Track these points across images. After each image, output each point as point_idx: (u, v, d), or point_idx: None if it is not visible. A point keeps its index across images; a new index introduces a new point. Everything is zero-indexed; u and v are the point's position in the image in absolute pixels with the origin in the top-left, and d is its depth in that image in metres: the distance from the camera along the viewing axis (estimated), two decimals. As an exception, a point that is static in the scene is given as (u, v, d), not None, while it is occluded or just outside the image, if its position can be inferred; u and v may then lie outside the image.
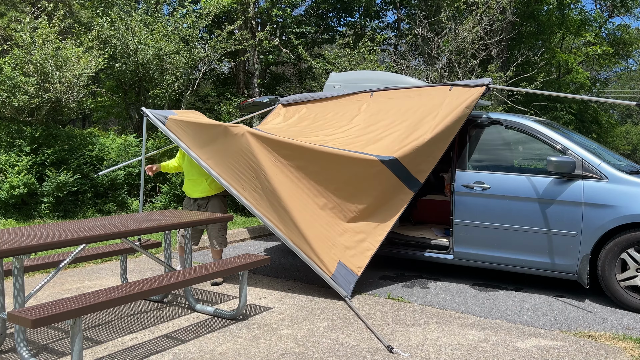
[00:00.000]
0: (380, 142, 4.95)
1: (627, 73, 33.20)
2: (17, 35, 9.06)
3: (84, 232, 3.38)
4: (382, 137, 5.03)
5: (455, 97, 5.07)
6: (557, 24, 15.50)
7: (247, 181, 4.72)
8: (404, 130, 5.05)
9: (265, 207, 4.64)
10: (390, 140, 4.94)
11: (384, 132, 5.12)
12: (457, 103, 4.97)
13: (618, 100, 7.14)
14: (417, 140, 4.80)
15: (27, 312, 2.73)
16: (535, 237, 4.66)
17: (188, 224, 3.98)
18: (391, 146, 4.85)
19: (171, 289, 3.39)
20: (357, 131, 5.27)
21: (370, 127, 5.28)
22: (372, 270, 5.72)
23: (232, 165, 4.77)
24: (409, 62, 11.69)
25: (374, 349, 3.46)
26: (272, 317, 4.08)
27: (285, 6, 16.42)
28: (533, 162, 4.82)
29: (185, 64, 10.81)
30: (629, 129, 32.59)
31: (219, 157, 4.81)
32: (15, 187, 8.04)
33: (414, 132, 4.95)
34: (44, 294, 4.59)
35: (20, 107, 8.89)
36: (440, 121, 4.86)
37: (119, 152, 9.60)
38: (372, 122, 5.34)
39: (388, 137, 5.01)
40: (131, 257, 6.16)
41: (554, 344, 3.58)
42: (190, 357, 3.30)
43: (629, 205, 4.28)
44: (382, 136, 5.05)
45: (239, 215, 9.27)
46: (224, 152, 4.79)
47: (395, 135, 5.02)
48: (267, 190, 4.59)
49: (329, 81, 6.45)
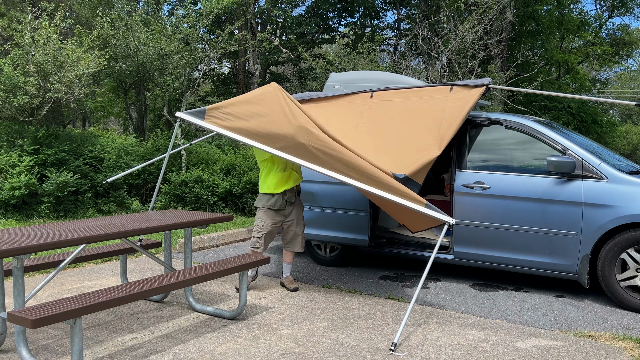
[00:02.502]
0: (388, 155, 4.88)
1: (627, 73, 33.22)
2: (17, 35, 9.06)
3: (84, 232, 3.38)
4: (388, 149, 4.96)
5: (456, 101, 5.01)
6: (556, 24, 15.49)
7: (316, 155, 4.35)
8: (410, 141, 5.04)
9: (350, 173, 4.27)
10: (398, 154, 4.84)
11: (390, 141, 5.05)
12: (458, 111, 4.84)
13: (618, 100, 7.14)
14: (425, 157, 4.70)
15: (27, 312, 2.73)
16: (535, 237, 4.66)
17: (188, 224, 3.98)
18: (400, 161, 4.77)
19: (171, 289, 3.39)
20: (362, 139, 5.18)
21: (374, 135, 5.23)
22: (372, 270, 5.73)
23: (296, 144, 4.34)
24: (409, 62, 11.69)
25: (374, 349, 3.46)
26: (272, 317, 4.08)
27: (285, 6, 16.43)
28: (533, 162, 4.82)
29: (186, 64, 10.81)
30: (629, 129, 32.56)
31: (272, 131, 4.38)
32: (16, 187, 8.04)
33: (420, 146, 4.91)
34: (44, 294, 4.59)
35: (20, 107, 8.90)
36: (446, 133, 4.73)
37: (118, 153, 9.60)
38: (375, 129, 5.27)
39: (395, 148, 4.94)
40: (131, 257, 6.16)
41: (554, 344, 3.58)
42: (190, 357, 3.30)
43: (628, 205, 4.28)
44: (389, 147, 4.98)
45: (239, 215, 9.27)
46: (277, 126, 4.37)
47: (402, 147, 4.98)
48: (335, 158, 4.29)
49: (329, 81, 6.45)
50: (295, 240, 4.92)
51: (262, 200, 4.85)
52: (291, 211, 4.89)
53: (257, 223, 4.84)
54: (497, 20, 12.66)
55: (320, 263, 5.98)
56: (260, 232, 4.78)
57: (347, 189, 5.56)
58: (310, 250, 6.05)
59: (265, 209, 4.81)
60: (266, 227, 4.78)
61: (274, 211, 4.80)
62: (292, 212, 4.89)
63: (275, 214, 4.81)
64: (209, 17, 11.00)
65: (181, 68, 10.78)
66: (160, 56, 10.44)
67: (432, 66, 11.54)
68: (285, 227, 4.91)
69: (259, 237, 4.79)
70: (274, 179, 4.78)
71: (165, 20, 11.12)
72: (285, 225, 4.91)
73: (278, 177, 4.77)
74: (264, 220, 4.79)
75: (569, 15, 15.94)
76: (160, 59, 10.50)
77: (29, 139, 8.84)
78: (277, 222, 4.83)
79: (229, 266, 3.86)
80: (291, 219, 4.89)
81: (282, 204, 4.81)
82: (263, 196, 4.86)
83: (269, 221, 4.79)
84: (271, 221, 4.79)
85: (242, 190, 9.25)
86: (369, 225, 5.47)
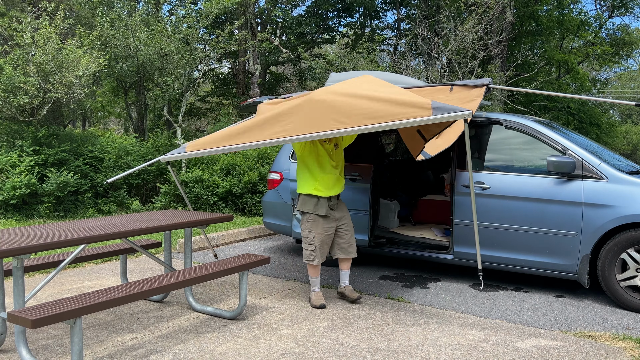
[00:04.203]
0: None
1: (627, 73, 33.21)
2: (17, 35, 9.06)
3: (84, 232, 3.38)
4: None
5: (458, 102, 4.95)
6: (556, 24, 15.49)
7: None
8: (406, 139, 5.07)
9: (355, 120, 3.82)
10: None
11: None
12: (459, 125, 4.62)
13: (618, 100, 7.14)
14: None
15: (27, 312, 2.73)
16: (535, 237, 4.66)
17: (188, 224, 3.98)
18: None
19: (171, 289, 3.39)
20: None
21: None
22: (372, 270, 5.73)
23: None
24: (409, 62, 11.69)
25: (374, 349, 3.46)
26: (272, 317, 4.08)
27: (285, 6, 16.42)
28: (533, 162, 4.82)
29: (186, 64, 10.82)
30: (629, 129, 32.57)
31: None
32: (17, 187, 8.05)
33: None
34: (44, 294, 4.59)
35: (20, 107, 8.90)
36: (446, 141, 4.55)
37: (118, 153, 9.60)
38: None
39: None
40: (131, 257, 6.16)
41: (554, 344, 3.58)
42: (190, 357, 3.30)
43: (628, 205, 4.28)
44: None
45: (239, 215, 9.28)
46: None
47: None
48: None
49: (329, 81, 6.44)
50: (352, 246, 4.43)
51: (307, 204, 4.31)
52: (343, 215, 4.43)
53: (306, 235, 4.33)
54: (497, 20, 12.66)
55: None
56: (313, 244, 4.30)
57: (346, 189, 5.55)
58: (310, 250, 6.05)
59: (313, 216, 4.31)
60: (318, 238, 4.30)
61: (322, 218, 4.31)
62: (344, 216, 4.43)
63: (324, 221, 4.32)
64: (209, 17, 11.01)
65: (181, 68, 10.79)
66: (160, 56, 10.45)
67: (432, 66, 11.54)
68: (340, 232, 4.40)
69: (312, 250, 4.31)
70: (323, 178, 4.27)
71: (165, 21, 11.12)
72: (339, 231, 4.40)
73: (329, 177, 4.29)
74: (313, 230, 4.30)
75: (569, 15, 15.94)
76: (160, 59, 10.50)
77: (30, 139, 8.84)
78: (329, 229, 4.34)
79: (229, 266, 3.86)
80: (344, 223, 4.41)
81: (329, 208, 4.33)
82: (308, 199, 4.32)
83: (320, 230, 4.30)
84: (322, 230, 4.31)
85: (242, 190, 9.25)
86: (369, 225, 5.47)
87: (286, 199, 6.02)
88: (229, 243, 7.20)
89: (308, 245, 4.33)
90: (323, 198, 4.29)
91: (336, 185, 4.35)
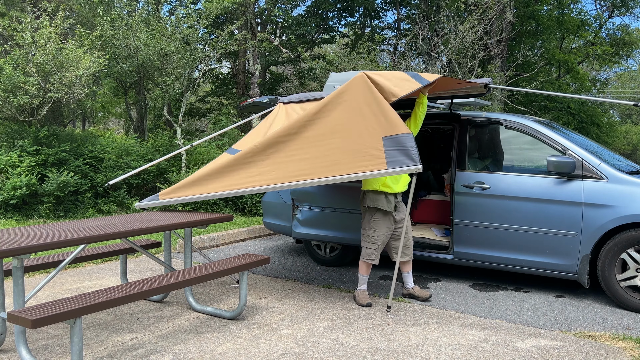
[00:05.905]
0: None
1: (627, 73, 33.22)
2: (18, 35, 9.06)
3: (84, 232, 3.38)
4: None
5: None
6: (556, 24, 15.49)
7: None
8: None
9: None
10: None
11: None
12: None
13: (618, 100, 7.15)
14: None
15: (27, 312, 2.73)
16: (535, 237, 4.66)
17: (188, 224, 3.98)
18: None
19: (171, 289, 3.39)
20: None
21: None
22: (372, 270, 5.72)
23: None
24: (409, 62, 11.69)
25: (374, 349, 3.46)
26: (272, 317, 4.08)
27: (285, 6, 16.42)
28: (533, 162, 4.82)
29: (186, 64, 10.82)
30: (629, 129, 32.57)
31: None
32: (17, 187, 8.05)
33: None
34: (44, 294, 4.60)
35: (20, 107, 8.90)
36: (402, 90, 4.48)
37: (118, 153, 9.60)
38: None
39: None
40: (131, 257, 6.16)
41: (554, 344, 3.58)
42: (190, 357, 3.30)
43: (628, 205, 4.28)
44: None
45: (239, 215, 9.28)
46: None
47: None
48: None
49: (329, 81, 6.44)
50: (410, 247, 4.43)
51: (378, 201, 4.19)
52: (402, 217, 4.35)
53: (370, 233, 4.27)
54: (497, 20, 12.67)
55: (320, 263, 5.98)
56: (376, 243, 4.27)
57: (347, 189, 5.55)
58: (310, 250, 6.05)
59: (382, 212, 4.22)
60: (381, 237, 4.28)
61: (387, 217, 4.27)
62: (404, 219, 4.31)
63: (388, 220, 4.28)
64: (209, 17, 11.01)
65: (181, 68, 10.79)
66: (161, 56, 10.45)
67: (432, 66, 11.54)
68: (399, 233, 4.35)
69: (375, 249, 4.28)
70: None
71: (165, 21, 11.12)
72: (398, 232, 4.36)
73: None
74: (378, 230, 4.26)
75: (569, 15, 15.94)
76: (161, 59, 10.50)
77: (30, 139, 8.84)
78: (390, 229, 4.31)
79: (229, 266, 3.86)
80: (401, 226, 4.34)
81: (394, 205, 4.23)
82: (378, 196, 4.22)
83: (383, 230, 4.26)
84: (385, 230, 4.27)
85: (242, 190, 9.24)
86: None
87: (286, 199, 6.02)
88: (229, 243, 7.20)
89: (370, 244, 4.32)
90: (390, 195, 4.25)
91: (402, 180, 4.28)
